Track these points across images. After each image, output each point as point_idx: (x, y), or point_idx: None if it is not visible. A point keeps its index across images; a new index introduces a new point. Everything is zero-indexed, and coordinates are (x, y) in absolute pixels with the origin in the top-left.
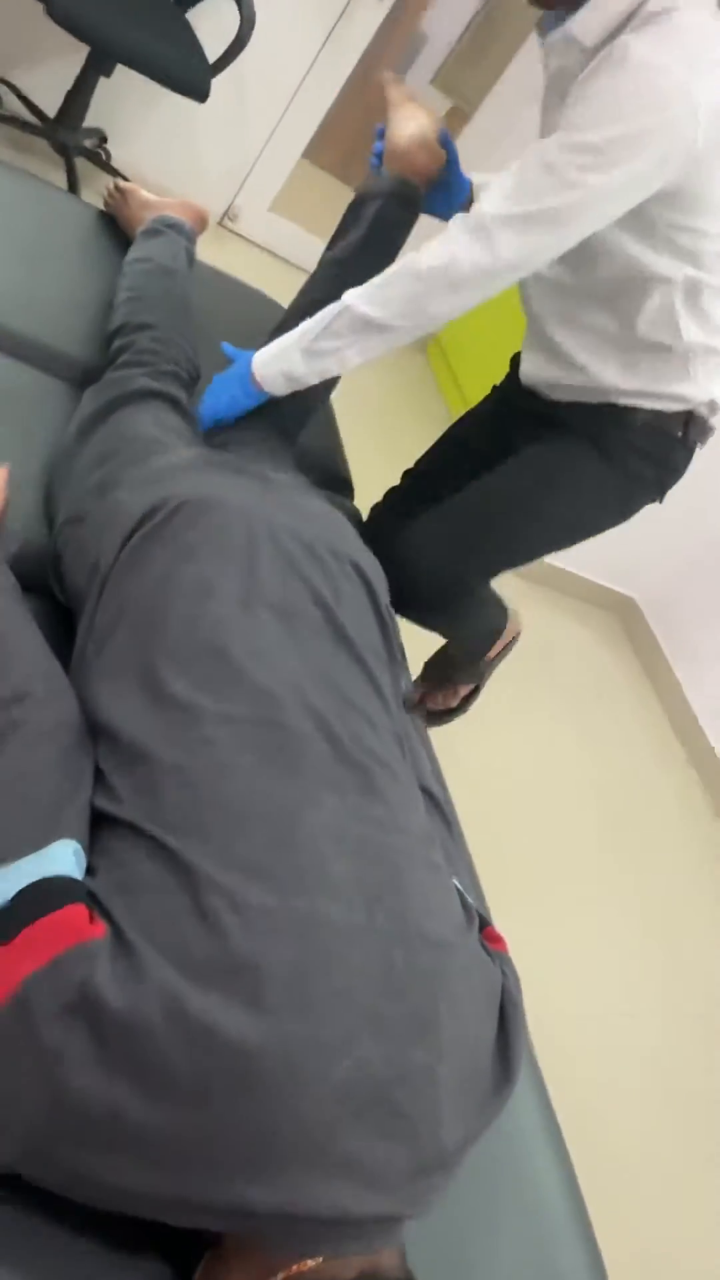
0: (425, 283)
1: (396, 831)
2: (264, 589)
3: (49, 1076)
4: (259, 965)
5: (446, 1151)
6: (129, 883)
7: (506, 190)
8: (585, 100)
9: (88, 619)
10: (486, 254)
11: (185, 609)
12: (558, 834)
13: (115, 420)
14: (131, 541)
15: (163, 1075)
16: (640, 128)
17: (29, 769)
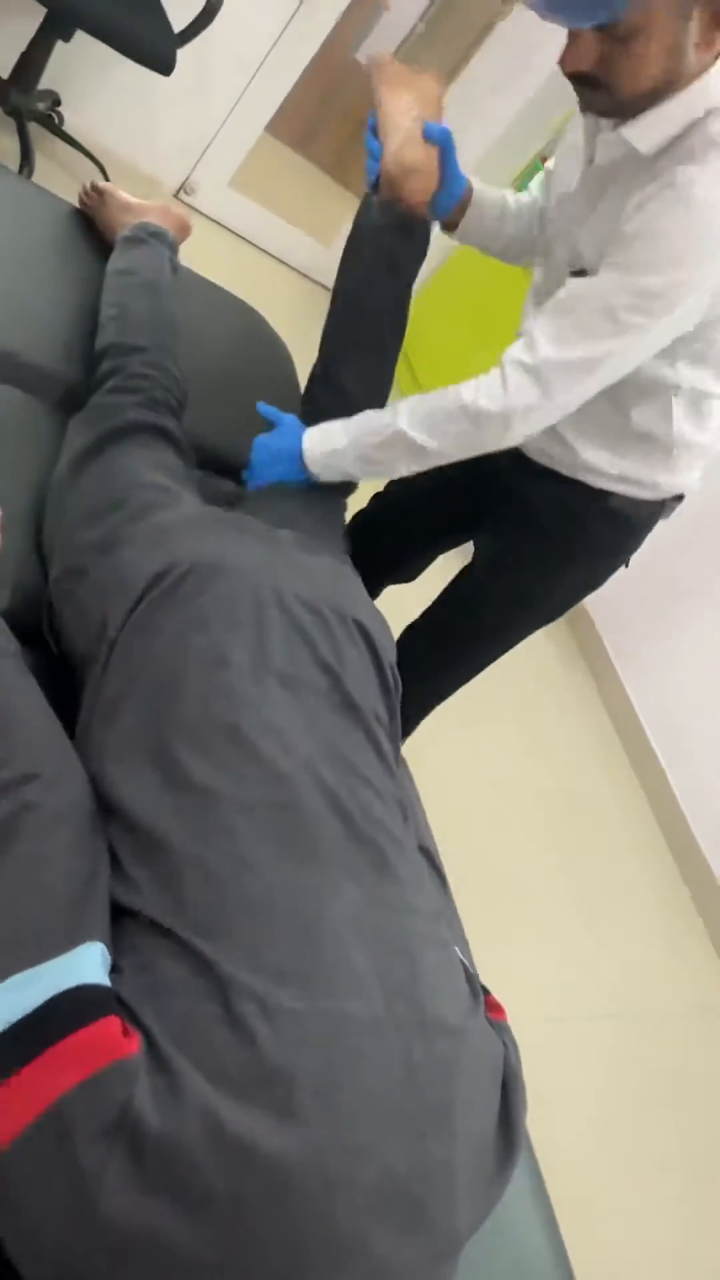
0: (479, 425)
1: (409, 912)
2: (272, 658)
3: (86, 1198)
4: (291, 1074)
5: (460, 1236)
6: (157, 988)
7: (563, 333)
8: (647, 239)
9: (94, 687)
10: (542, 399)
11: (197, 684)
12: (505, 840)
13: (110, 458)
14: (139, 608)
15: (201, 1193)
16: (703, 273)
17: (46, 856)
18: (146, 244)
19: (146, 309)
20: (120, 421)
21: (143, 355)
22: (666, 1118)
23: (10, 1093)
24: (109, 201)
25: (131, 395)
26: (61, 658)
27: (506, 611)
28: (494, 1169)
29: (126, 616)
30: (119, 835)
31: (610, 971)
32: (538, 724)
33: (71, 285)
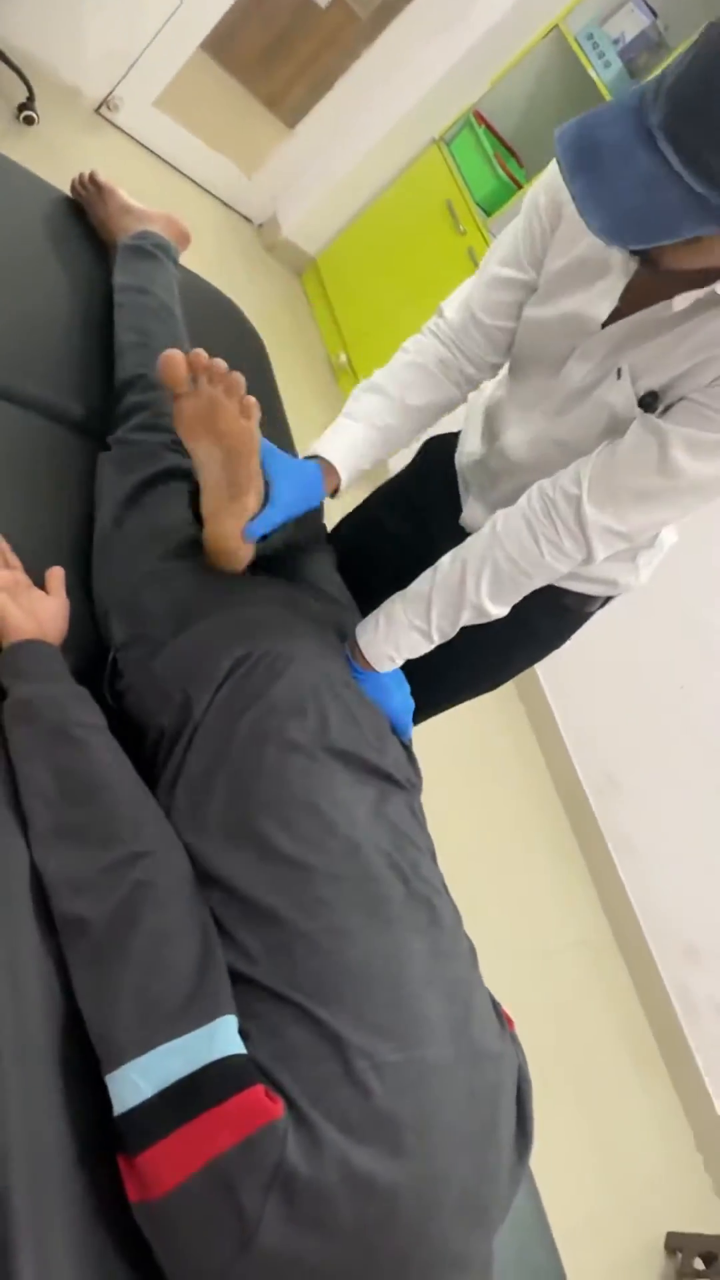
0: (536, 579)
1: (456, 958)
2: (333, 738)
3: (248, 1235)
4: (397, 1118)
5: (501, 1222)
6: (286, 1053)
7: (652, 500)
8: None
9: (176, 761)
10: (582, 554)
11: (276, 764)
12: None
13: (151, 508)
14: (222, 690)
15: (336, 1223)
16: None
17: (167, 931)
18: (156, 260)
19: (169, 338)
20: (156, 468)
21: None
22: (556, 1044)
23: (172, 1146)
24: (108, 199)
25: (162, 434)
26: (120, 714)
27: (445, 684)
28: (516, 1158)
29: (211, 699)
30: (221, 903)
31: (509, 911)
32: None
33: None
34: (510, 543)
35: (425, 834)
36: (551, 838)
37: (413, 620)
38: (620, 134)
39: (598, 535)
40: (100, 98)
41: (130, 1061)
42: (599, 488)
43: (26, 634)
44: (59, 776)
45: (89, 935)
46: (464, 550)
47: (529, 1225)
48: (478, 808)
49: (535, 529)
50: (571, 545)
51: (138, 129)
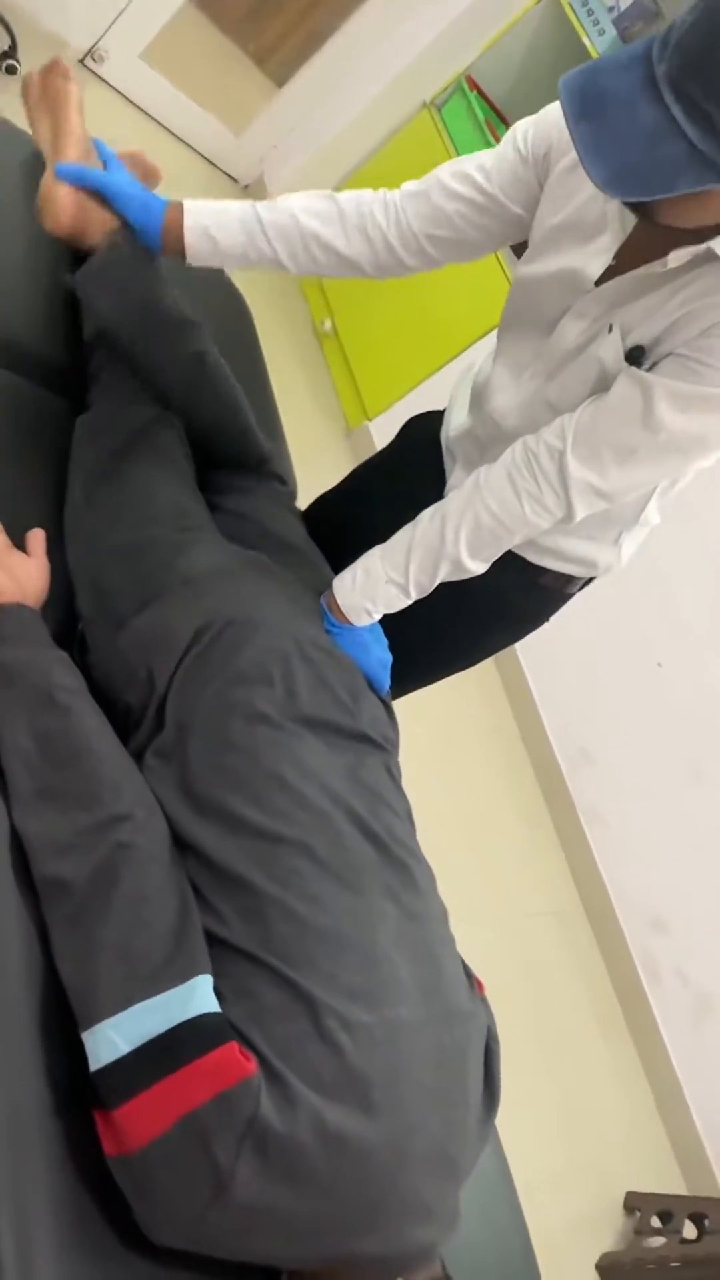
0: (515, 535)
1: (430, 920)
2: (301, 707)
3: (220, 1185)
4: (368, 1076)
5: (468, 1174)
6: (259, 1013)
7: (637, 457)
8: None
9: (144, 734)
10: (563, 510)
11: (243, 738)
12: None
13: (123, 480)
14: (184, 662)
15: (309, 1175)
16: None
17: (145, 894)
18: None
19: None
20: (124, 434)
21: None
22: (523, 1008)
23: (147, 1101)
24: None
25: (131, 381)
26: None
27: (421, 661)
28: (483, 1115)
29: (173, 672)
30: (196, 869)
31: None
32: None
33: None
34: (491, 497)
35: (402, 796)
36: (524, 808)
37: (390, 573)
38: (626, 84)
39: (579, 491)
40: (85, 49)
41: (108, 1019)
42: (583, 442)
43: (7, 597)
44: (41, 740)
45: (70, 896)
46: (445, 504)
47: (494, 1183)
48: (452, 777)
49: (517, 483)
50: (553, 500)
51: (123, 82)
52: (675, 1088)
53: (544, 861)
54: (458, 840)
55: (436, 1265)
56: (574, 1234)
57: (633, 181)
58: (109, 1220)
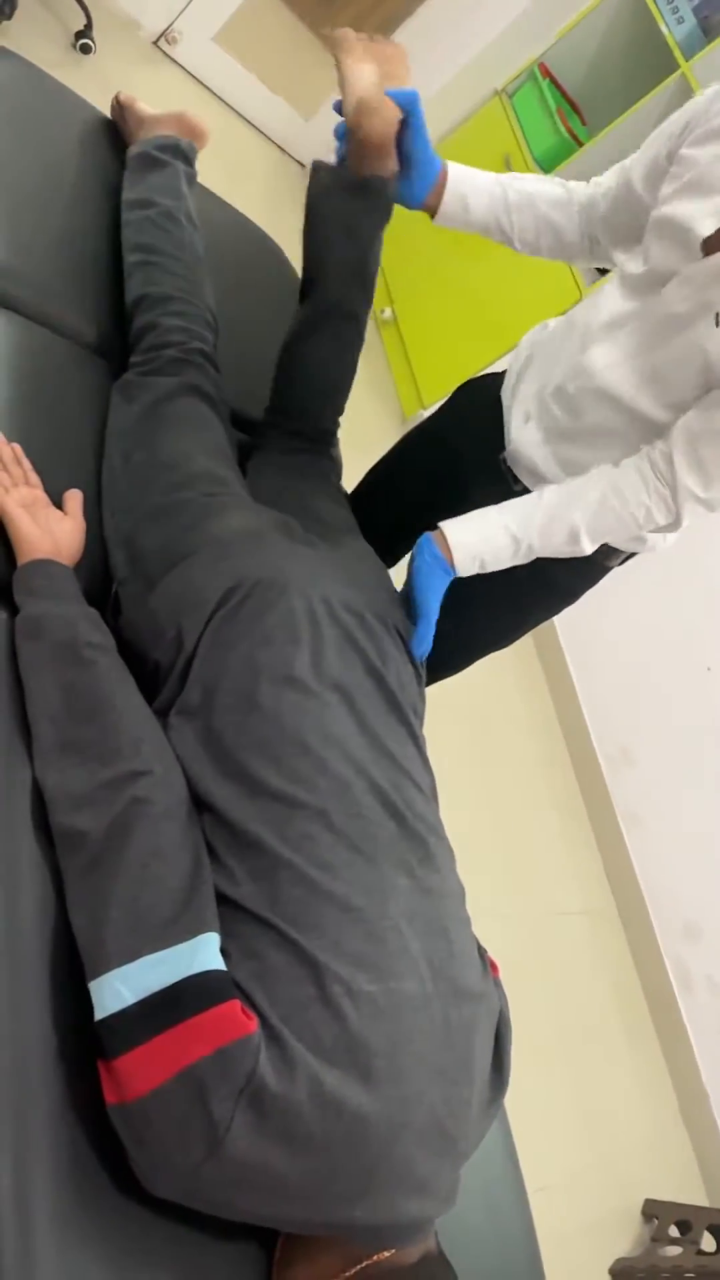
0: (634, 531)
1: (445, 896)
2: (328, 668)
3: (215, 1139)
4: (369, 1044)
5: (469, 1154)
6: (263, 973)
7: (705, 474)
8: None
9: (170, 692)
10: (671, 518)
11: (268, 700)
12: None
13: (158, 443)
14: (212, 623)
15: (304, 1137)
16: None
17: (159, 849)
18: (160, 165)
19: (171, 247)
20: (158, 393)
21: (174, 304)
22: (549, 1008)
23: (149, 1053)
24: (128, 115)
25: (168, 350)
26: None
27: (459, 638)
28: (490, 1097)
29: (201, 631)
30: (211, 827)
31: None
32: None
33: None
34: (625, 494)
35: (426, 769)
36: (562, 805)
37: (511, 527)
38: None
39: (686, 498)
40: (159, 30)
41: (115, 969)
42: (687, 449)
43: (42, 553)
44: (65, 693)
45: (84, 848)
46: (575, 485)
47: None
48: (490, 770)
49: (649, 484)
50: (662, 508)
51: (195, 64)
52: (702, 1097)
53: (579, 860)
54: (492, 833)
55: (431, 1240)
56: (588, 1236)
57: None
58: (108, 1169)
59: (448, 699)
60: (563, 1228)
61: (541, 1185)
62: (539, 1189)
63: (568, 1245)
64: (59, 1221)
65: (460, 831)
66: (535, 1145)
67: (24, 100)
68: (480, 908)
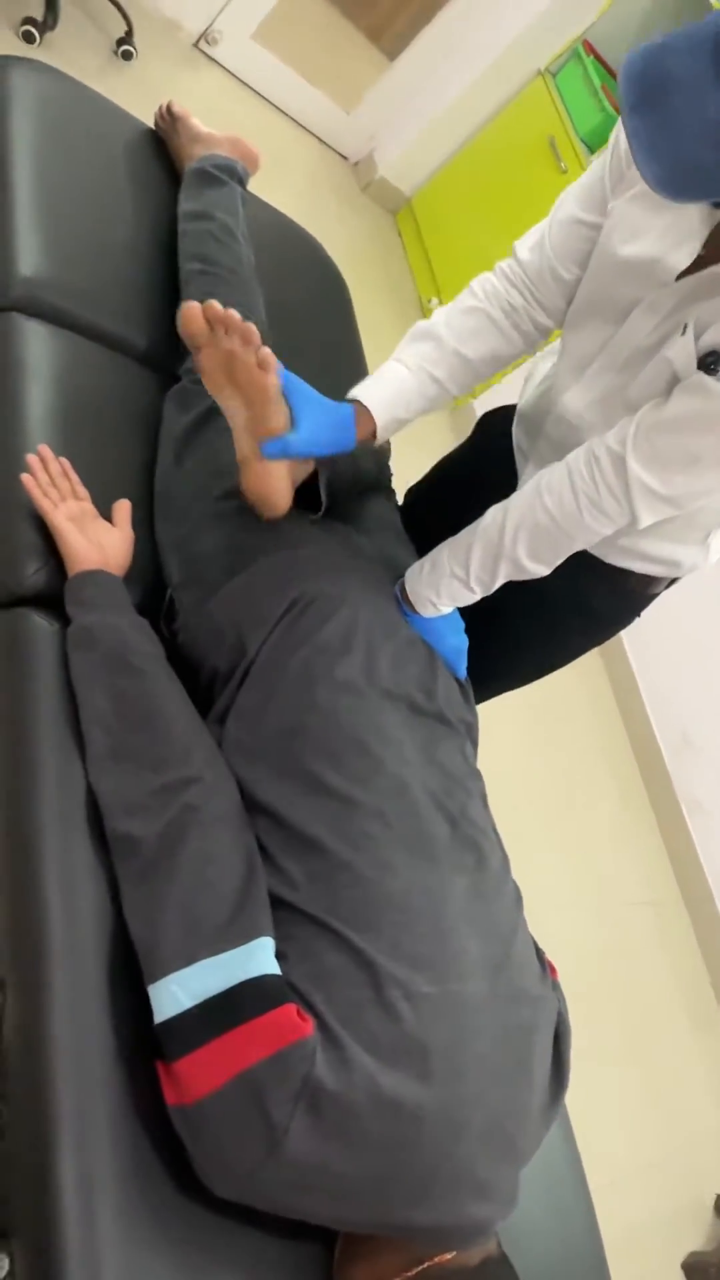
0: (576, 540)
1: (500, 900)
2: (381, 679)
3: (274, 1141)
4: (426, 1045)
5: (530, 1157)
6: (320, 975)
7: (703, 459)
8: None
9: (228, 696)
10: (625, 517)
11: (326, 704)
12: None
13: (210, 446)
14: (274, 634)
15: (361, 1138)
16: None
17: (212, 854)
18: (220, 183)
19: (230, 261)
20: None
21: None
22: (615, 1000)
23: (207, 1056)
24: (180, 129)
25: None
26: (174, 644)
27: (503, 666)
28: (549, 1100)
29: (264, 641)
30: (267, 830)
31: (576, 865)
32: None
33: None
34: (550, 498)
35: (477, 778)
36: (623, 792)
37: (454, 568)
38: (695, 68)
39: (641, 497)
40: (199, 31)
41: (172, 974)
42: (645, 446)
43: (91, 564)
44: (117, 702)
45: (139, 854)
46: (508, 502)
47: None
48: (549, 757)
49: (576, 485)
50: (613, 505)
51: (236, 63)
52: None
53: (642, 849)
54: (553, 824)
55: (493, 1243)
56: (659, 1230)
57: (690, 182)
58: (170, 1169)
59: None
60: (633, 1221)
61: (610, 1179)
62: (608, 1183)
63: (638, 1239)
64: (123, 1220)
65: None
66: (604, 1139)
67: (65, 114)
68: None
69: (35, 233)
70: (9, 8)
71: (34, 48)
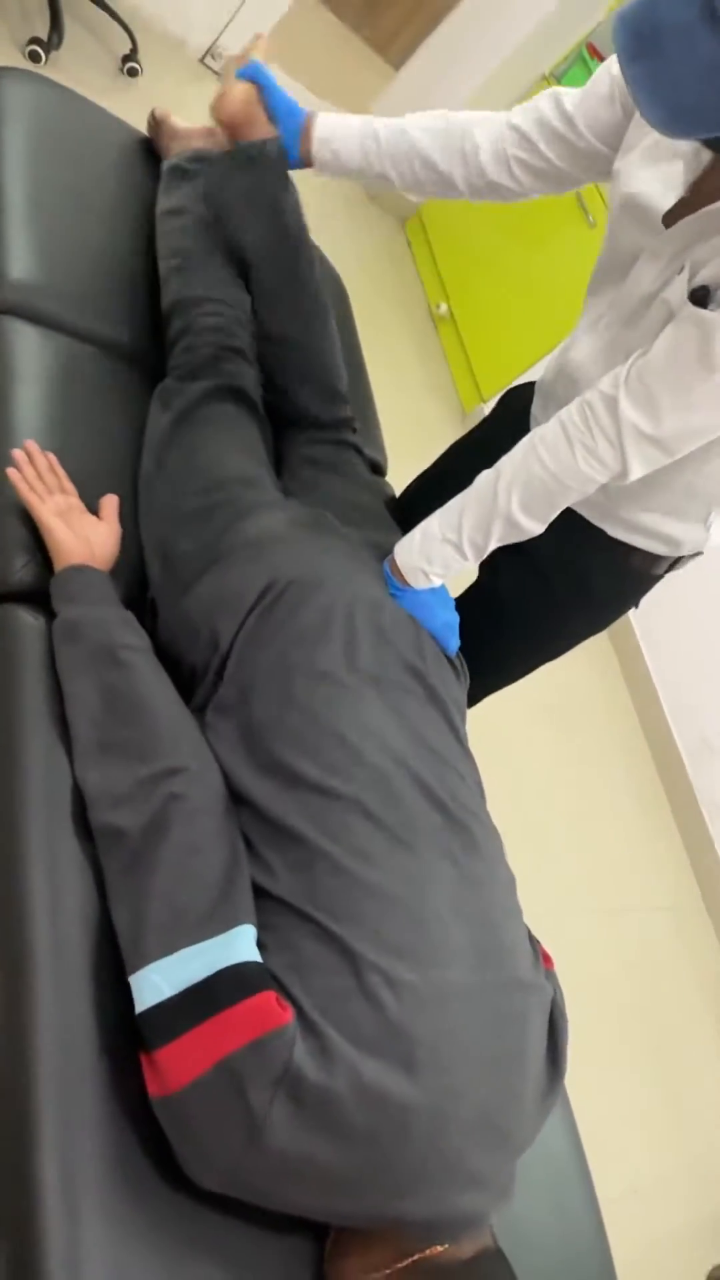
0: (571, 490)
1: (493, 885)
2: (362, 664)
3: (255, 1130)
4: (411, 1034)
5: (525, 1148)
6: (300, 965)
7: (693, 396)
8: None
9: (206, 690)
10: (666, 458)
11: (303, 696)
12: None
13: (191, 447)
14: (247, 622)
15: (346, 1129)
16: None
17: (195, 844)
18: (190, 175)
19: (203, 250)
20: (191, 398)
21: (209, 305)
22: (635, 1006)
23: (187, 1045)
24: (163, 130)
25: (203, 350)
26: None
27: (499, 651)
28: (545, 1090)
29: (236, 631)
30: (249, 821)
31: (592, 869)
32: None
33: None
34: (545, 450)
35: (468, 759)
36: (642, 797)
37: (445, 533)
38: (684, 14)
39: (632, 439)
40: (204, 47)
41: (153, 963)
42: (636, 385)
43: (78, 558)
44: (103, 695)
45: (124, 845)
46: (500, 463)
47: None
48: (564, 762)
49: (570, 434)
50: (607, 450)
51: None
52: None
53: (662, 854)
54: (571, 829)
55: (487, 1235)
56: (682, 1243)
57: (689, 120)
58: (154, 1161)
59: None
60: (655, 1232)
61: (633, 1188)
62: (630, 1191)
63: (661, 1250)
64: (107, 1213)
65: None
66: (623, 1148)
67: (56, 121)
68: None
69: (25, 237)
70: (16, 28)
71: (40, 67)
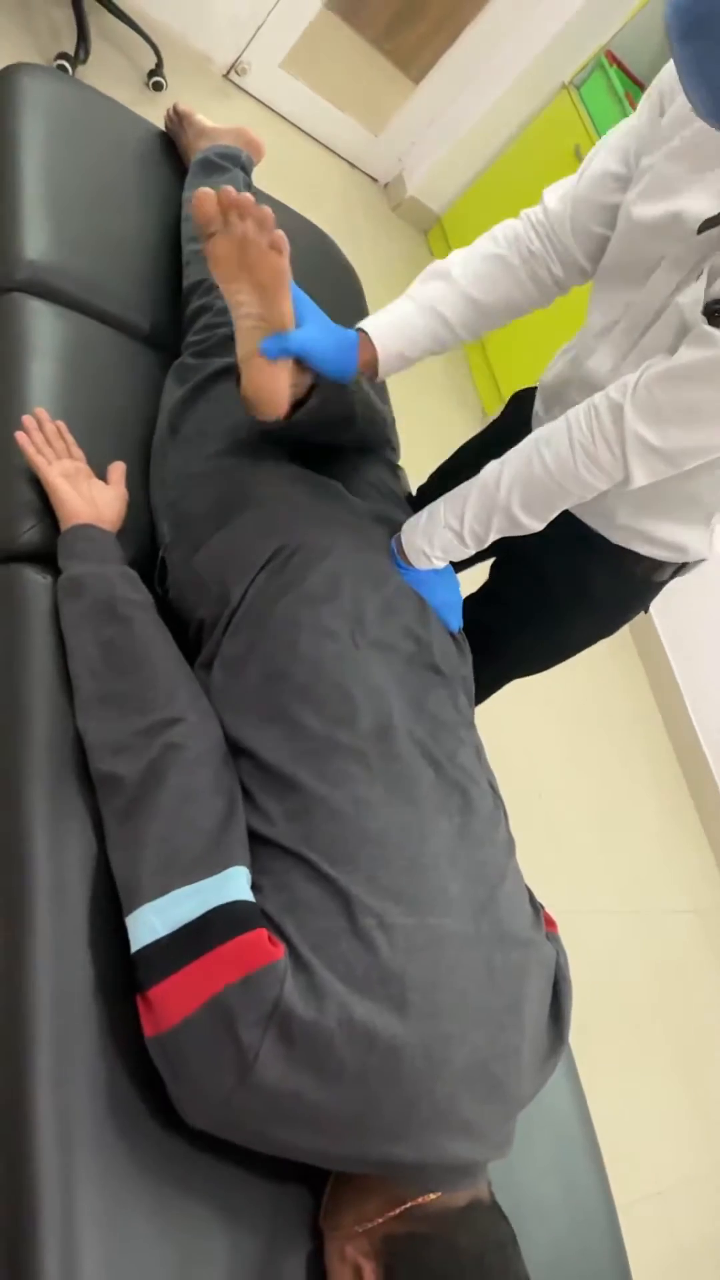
0: (570, 493)
1: (489, 844)
2: (367, 629)
3: (245, 1066)
4: (403, 976)
5: (523, 1103)
6: (294, 905)
7: (699, 412)
8: None
9: (213, 644)
10: (670, 469)
11: (310, 651)
12: (528, 746)
13: (203, 410)
14: (258, 580)
15: (335, 1067)
16: None
17: (192, 791)
18: (221, 169)
19: None
20: (208, 371)
21: None
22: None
23: (179, 982)
24: (187, 126)
25: (220, 329)
26: (167, 604)
27: (504, 653)
28: (547, 1051)
29: (246, 589)
30: (249, 771)
31: (617, 871)
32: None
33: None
34: (547, 450)
35: (469, 727)
36: (666, 799)
37: (449, 519)
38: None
39: (635, 449)
40: (229, 62)
41: (148, 903)
42: (644, 395)
43: (84, 519)
44: (104, 648)
45: (122, 792)
46: (507, 456)
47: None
48: (588, 762)
49: (573, 437)
50: (607, 457)
51: (265, 92)
52: None
53: (687, 856)
54: (594, 829)
55: (482, 1188)
56: (712, 1249)
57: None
58: (149, 1103)
59: (544, 694)
60: (682, 1235)
61: (659, 1189)
62: (656, 1193)
63: (690, 1253)
64: (100, 1153)
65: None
66: (650, 1150)
67: (74, 112)
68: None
69: (42, 219)
70: (44, 44)
71: None
